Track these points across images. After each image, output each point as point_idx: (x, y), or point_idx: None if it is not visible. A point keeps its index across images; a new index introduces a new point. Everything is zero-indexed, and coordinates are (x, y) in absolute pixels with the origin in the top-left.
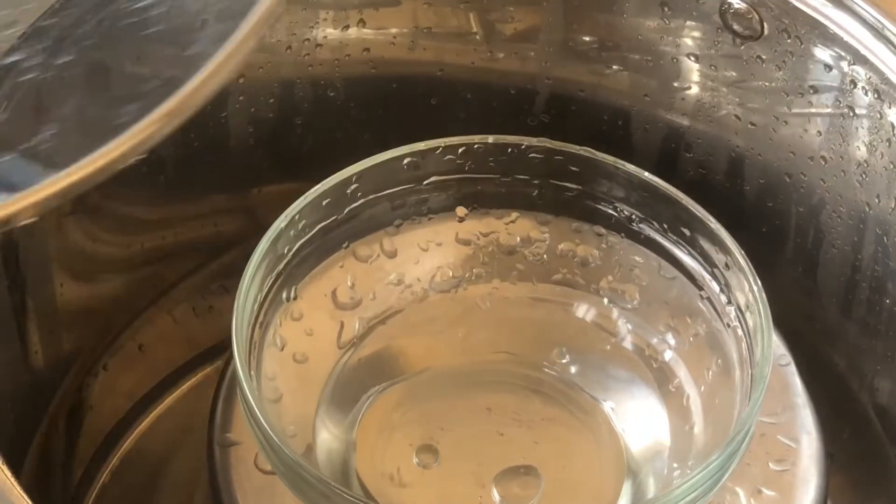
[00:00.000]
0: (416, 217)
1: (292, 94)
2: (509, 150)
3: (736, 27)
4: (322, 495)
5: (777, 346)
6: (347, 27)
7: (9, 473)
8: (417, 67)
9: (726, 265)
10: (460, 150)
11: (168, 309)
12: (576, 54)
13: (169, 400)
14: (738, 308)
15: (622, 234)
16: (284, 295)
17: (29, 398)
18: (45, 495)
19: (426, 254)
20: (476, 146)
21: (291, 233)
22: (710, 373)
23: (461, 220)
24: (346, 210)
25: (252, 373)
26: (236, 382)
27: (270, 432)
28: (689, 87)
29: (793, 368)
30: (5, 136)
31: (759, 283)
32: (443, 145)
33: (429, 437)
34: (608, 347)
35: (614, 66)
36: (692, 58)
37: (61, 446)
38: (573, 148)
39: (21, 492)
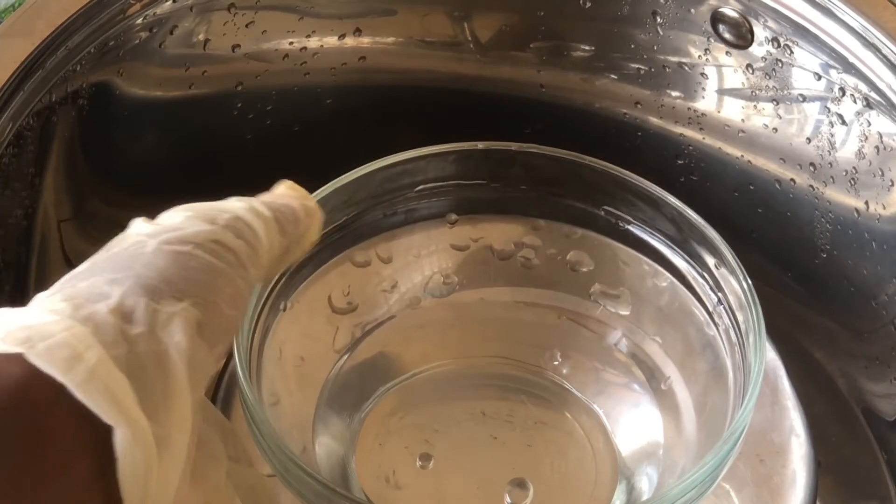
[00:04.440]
0: (410, 223)
1: (289, 102)
2: (499, 156)
3: (727, 36)
4: (322, 497)
5: (767, 349)
6: (344, 36)
7: None
8: (412, 76)
9: (717, 266)
10: (451, 158)
11: None
12: (569, 63)
13: None
14: (730, 309)
15: (613, 238)
16: (283, 300)
17: None
18: None
19: (420, 259)
20: (467, 153)
21: None
22: (703, 375)
23: (453, 225)
24: (343, 217)
25: (252, 377)
26: (236, 386)
27: (271, 435)
28: (681, 96)
29: (782, 371)
30: None
31: (750, 282)
32: (434, 153)
33: (424, 440)
34: (600, 350)
35: (607, 75)
36: (684, 66)
37: None
38: (563, 153)
39: None
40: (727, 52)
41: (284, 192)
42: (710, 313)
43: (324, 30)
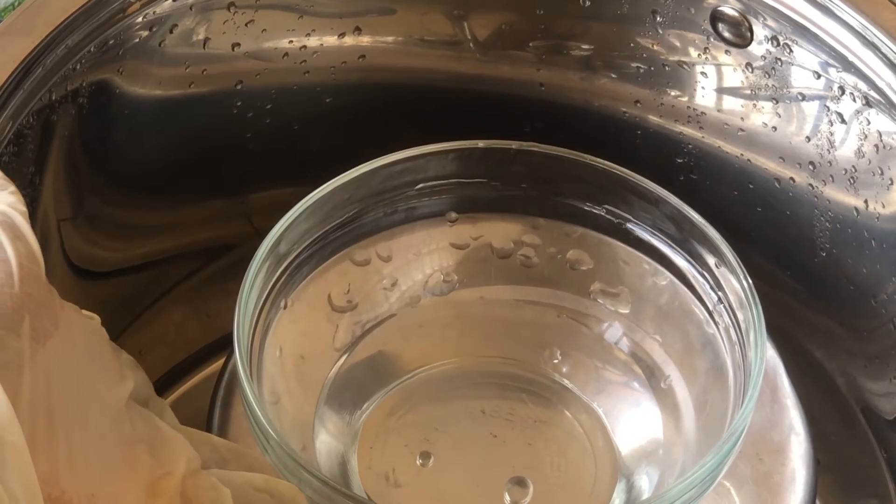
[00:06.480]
0: (410, 222)
1: (289, 101)
2: (500, 154)
3: (726, 35)
4: (323, 495)
5: (767, 348)
6: (343, 35)
7: None
8: (412, 75)
9: (717, 265)
10: (451, 156)
11: (166, 312)
12: (569, 61)
13: (167, 401)
14: (730, 307)
15: (613, 237)
16: (283, 299)
17: None
18: None
19: (420, 258)
20: (467, 151)
21: (290, 238)
22: (703, 373)
23: (453, 223)
24: (343, 215)
25: (253, 376)
26: (237, 385)
27: (272, 433)
28: (680, 94)
29: (782, 370)
30: None
31: (750, 281)
32: (434, 151)
33: (424, 438)
34: (600, 349)
35: (607, 73)
36: (683, 65)
37: None
38: (563, 152)
39: None
40: (726, 51)
41: None
42: (710, 312)
43: (323, 28)
